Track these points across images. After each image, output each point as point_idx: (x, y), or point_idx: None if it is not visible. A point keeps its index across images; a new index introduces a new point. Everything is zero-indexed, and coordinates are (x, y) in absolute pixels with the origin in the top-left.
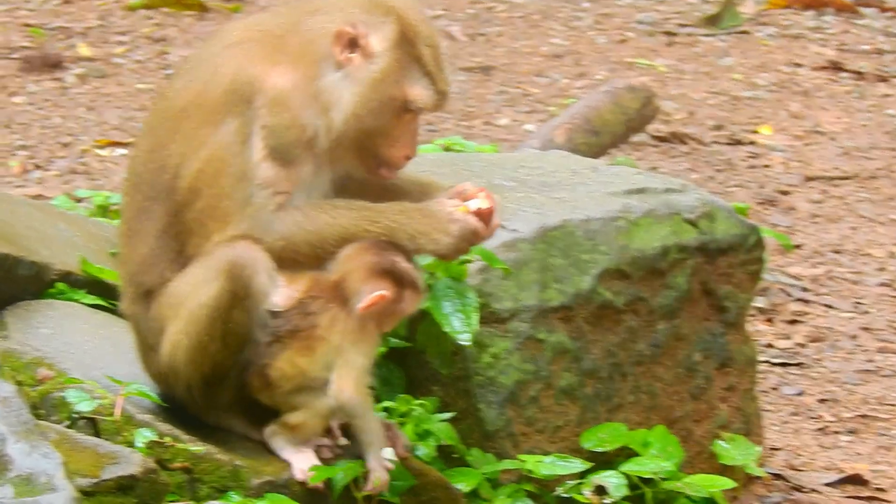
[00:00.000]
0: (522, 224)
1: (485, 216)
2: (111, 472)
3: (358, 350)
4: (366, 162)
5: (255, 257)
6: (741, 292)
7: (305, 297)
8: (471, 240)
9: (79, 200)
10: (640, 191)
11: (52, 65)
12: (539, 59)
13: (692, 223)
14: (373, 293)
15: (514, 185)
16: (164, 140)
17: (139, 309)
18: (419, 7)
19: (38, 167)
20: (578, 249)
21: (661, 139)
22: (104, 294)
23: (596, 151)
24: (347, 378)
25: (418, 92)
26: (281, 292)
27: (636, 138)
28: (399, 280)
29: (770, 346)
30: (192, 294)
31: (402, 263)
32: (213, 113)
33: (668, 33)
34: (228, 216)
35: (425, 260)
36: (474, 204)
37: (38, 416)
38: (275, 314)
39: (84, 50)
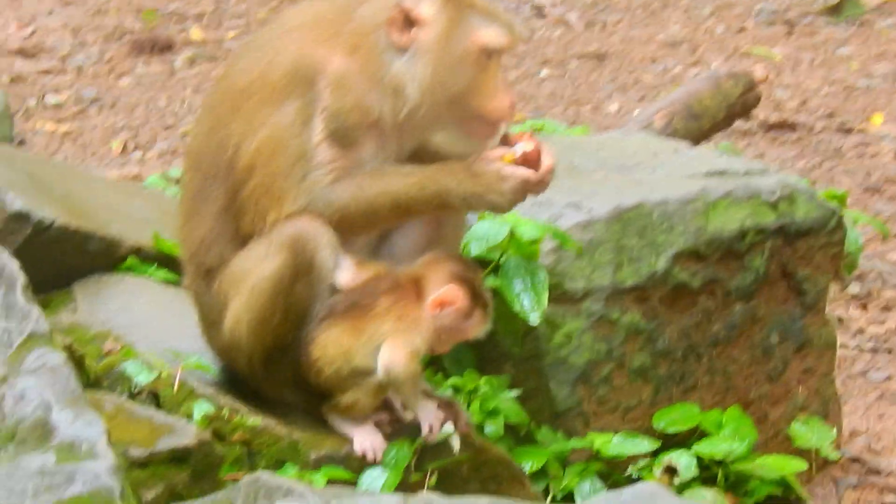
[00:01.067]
0: (598, 205)
1: (532, 159)
2: (165, 444)
3: (414, 333)
4: (467, 127)
5: (317, 231)
6: (820, 275)
7: (372, 281)
8: (524, 190)
9: (172, 181)
10: (721, 173)
11: (162, 47)
12: (654, 48)
13: (772, 205)
14: (447, 293)
15: (593, 167)
16: (224, 119)
17: (201, 286)
18: None
19: (138, 148)
20: (654, 230)
21: (771, 126)
22: (175, 269)
23: (696, 137)
24: (400, 351)
25: (489, 34)
26: (348, 271)
27: (745, 126)
28: (474, 295)
29: (861, 331)
30: (254, 269)
31: (481, 283)
32: (274, 93)
33: (788, 22)
34: (284, 194)
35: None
36: (519, 149)
37: (102, 389)
38: (335, 291)
39: (196, 34)
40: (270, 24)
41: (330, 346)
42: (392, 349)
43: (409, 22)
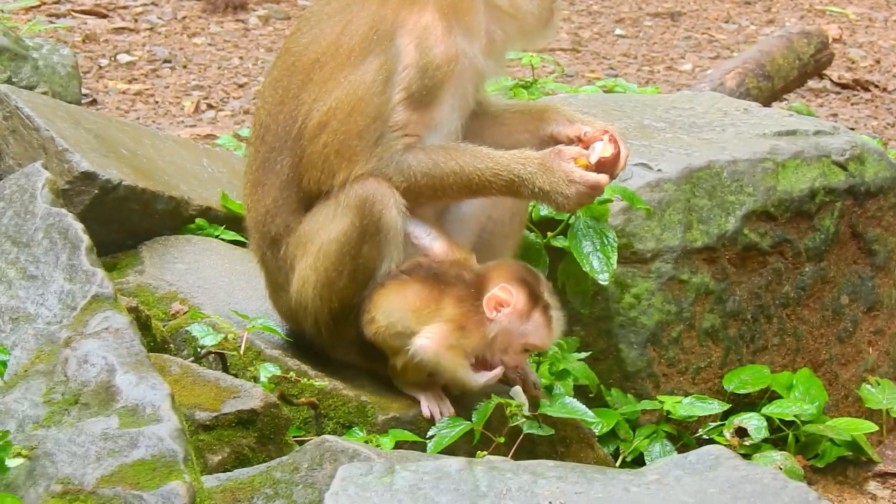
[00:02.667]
0: (668, 165)
1: (608, 165)
2: (231, 406)
3: (459, 332)
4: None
5: (385, 193)
6: (890, 236)
7: (459, 263)
8: (591, 196)
9: (244, 140)
10: (791, 133)
11: (236, 6)
12: (729, 6)
13: (841, 165)
14: (501, 292)
15: (663, 126)
16: (294, 91)
17: (267, 253)
18: None
19: (211, 107)
20: (724, 190)
21: (844, 86)
22: (243, 230)
23: (768, 96)
24: (434, 341)
25: None
26: (442, 244)
27: (818, 85)
28: (532, 297)
29: None
30: (321, 230)
31: (544, 289)
32: (351, 56)
33: None
34: (356, 154)
35: None
36: (595, 155)
37: (168, 351)
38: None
39: None
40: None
41: (393, 298)
42: (428, 336)
43: None
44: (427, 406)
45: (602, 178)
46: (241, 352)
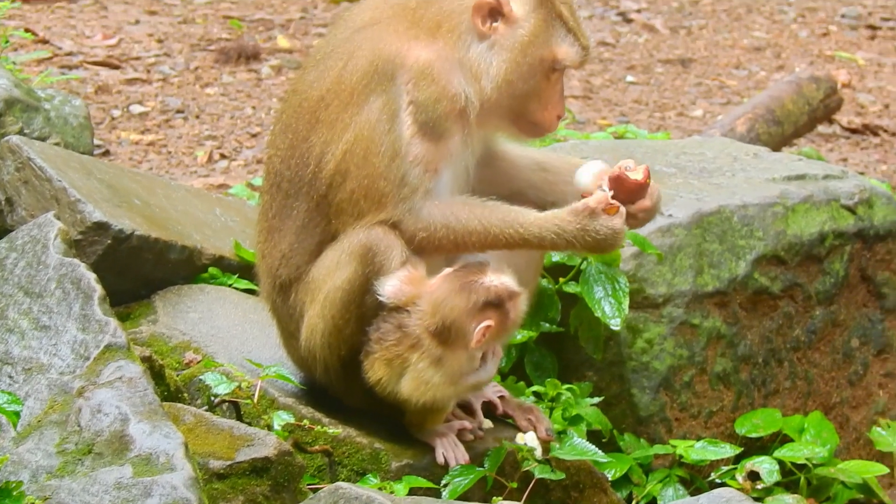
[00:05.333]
0: (679, 210)
1: (640, 189)
2: (245, 455)
3: (436, 370)
4: (518, 125)
5: (389, 243)
6: None
7: (410, 305)
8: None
9: (257, 190)
10: (800, 177)
11: (249, 56)
12: (739, 52)
13: (850, 209)
14: (479, 328)
15: (673, 172)
16: (303, 133)
17: (278, 300)
18: None
19: (224, 157)
20: (734, 235)
21: (853, 131)
22: (256, 279)
23: (778, 142)
24: (412, 382)
25: (565, 50)
26: (393, 285)
27: (827, 130)
28: (497, 303)
29: None
30: (327, 278)
31: (492, 285)
32: (354, 95)
33: (872, 27)
34: (384, 196)
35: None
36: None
37: (182, 400)
38: (381, 306)
39: (283, 42)
40: (333, 30)
41: (377, 369)
42: (410, 381)
43: (495, 13)
44: (442, 452)
45: (624, 214)
46: (255, 400)
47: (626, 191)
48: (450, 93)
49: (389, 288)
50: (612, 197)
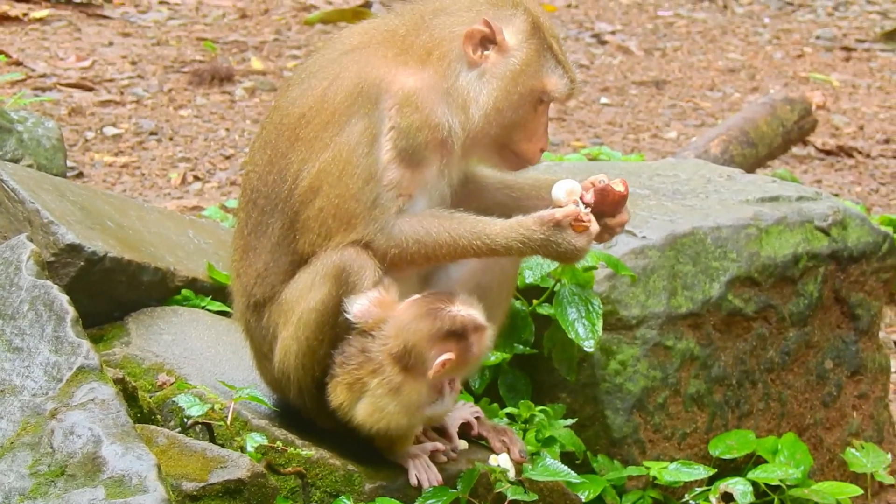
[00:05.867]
0: (652, 231)
1: (615, 202)
2: (218, 476)
3: (392, 398)
4: (502, 155)
5: (362, 264)
6: (874, 300)
7: (375, 328)
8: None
9: (230, 212)
10: (774, 199)
11: (222, 78)
12: (713, 74)
13: (824, 231)
14: (439, 359)
15: (646, 193)
16: (282, 150)
17: (251, 320)
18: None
19: (197, 179)
20: (708, 256)
21: (828, 152)
22: (229, 300)
23: (752, 163)
24: (368, 408)
25: (555, 82)
26: (361, 305)
27: (802, 151)
28: (461, 334)
29: None
30: (301, 299)
31: (458, 315)
32: (335, 115)
33: (846, 48)
34: (354, 217)
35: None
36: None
37: (155, 422)
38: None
39: (256, 63)
40: (322, 49)
41: (339, 392)
42: (363, 406)
43: (486, 41)
44: (415, 474)
45: (592, 234)
46: (228, 422)
47: (611, 202)
48: (432, 122)
49: (357, 307)
50: (595, 208)
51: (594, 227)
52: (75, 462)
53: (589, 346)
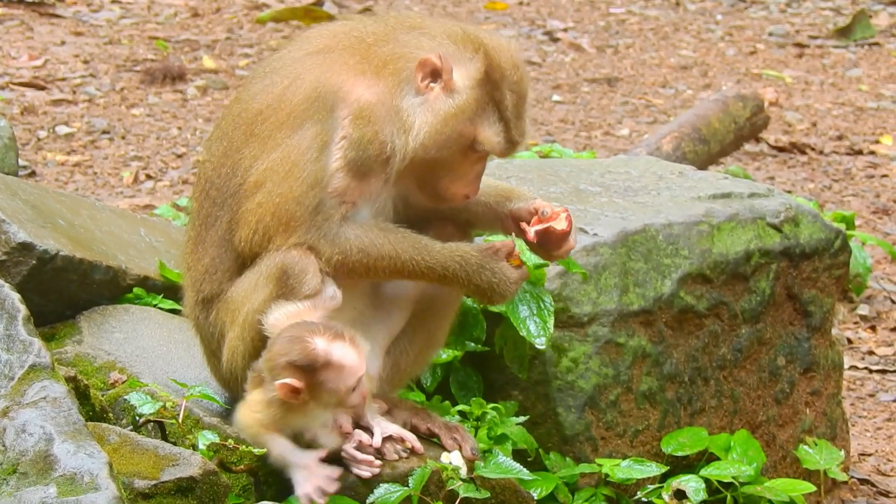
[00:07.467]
0: (603, 228)
1: (557, 239)
2: (170, 474)
3: (262, 409)
4: (425, 189)
5: (304, 267)
6: (826, 297)
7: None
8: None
9: (182, 210)
10: (725, 196)
11: (174, 77)
12: (666, 71)
13: (776, 227)
14: (278, 382)
15: (598, 191)
16: (237, 144)
17: (200, 315)
18: (514, 48)
19: (149, 177)
20: (660, 254)
21: (781, 149)
22: (181, 299)
23: (705, 160)
24: (243, 411)
25: (488, 135)
26: (276, 317)
27: (754, 148)
28: (307, 368)
29: (871, 352)
30: (246, 300)
31: (313, 349)
32: (291, 117)
33: (799, 45)
34: (293, 220)
35: None
36: (547, 214)
37: (107, 420)
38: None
39: (208, 62)
40: (289, 46)
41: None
42: (240, 412)
43: (436, 74)
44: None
45: (525, 274)
46: (180, 420)
47: (554, 240)
48: (380, 138)
49: (271, 318)
50: (539, 244)
51: (524, 270)
52: (27, 460)
53: (540, 343)
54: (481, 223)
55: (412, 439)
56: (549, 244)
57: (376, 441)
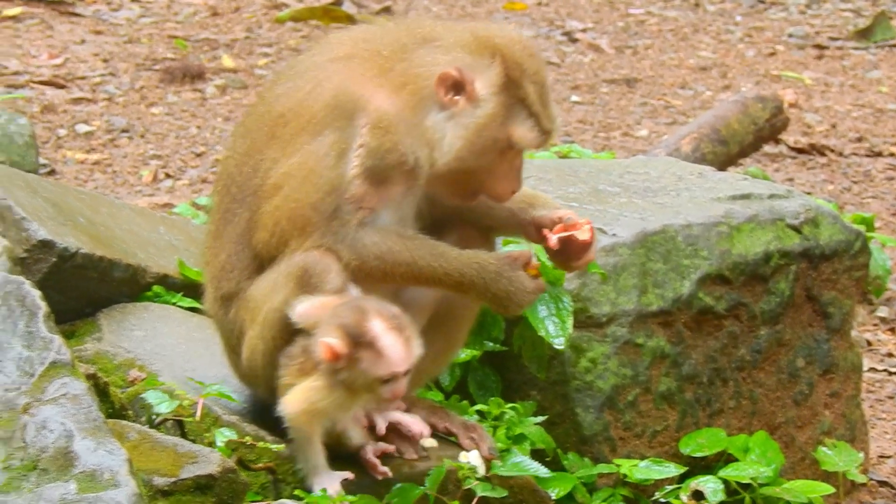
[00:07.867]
0: (623, 229)
1: (579, 249)
2: (189, 472)
3: (314, 390)
4: (460, 191)
5: (326, 268)
6: (846, 298)
7: (315, 329)
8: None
9: (201, 209)
10: (745, 197)
11: (194, 76)
12: (685, 72)
13: (796, 229)
14: (322, 340)
15: (617, 191)
16: (259, 143)
17: (220, 312)
18: (526, 40)
19: (169, 176)
20: (679, 254)
21: (800, 150)
22: (200, 297)
23: (724, 161)
24: (295, 399)
25: (522, 133)
26: (305, 307)
27: (774, 149)
28: (356, 340)
29: (890, 354)
30: (266, 298)
31: (364, 325)
32: (311, 122)
33: (819, 46)
34: (310, 226)
35: None
36: (571, 221)
37: (126, 417)
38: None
39: (227, 61)
40: (314, 49)
41: (283, 392)
42: (289, 397)
43: (458, 86)
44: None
45: (541, 285)
46: (198, 418)
47: (574, 250)
48: (400, 150)
49: (301, 309)
50: (559, 252)
51: (541, 282)
52: (47, 456)
53: (559, 343)
54: (504, 229)
55: (410, 422)
56: (570, 253)
57: (380, 429)
